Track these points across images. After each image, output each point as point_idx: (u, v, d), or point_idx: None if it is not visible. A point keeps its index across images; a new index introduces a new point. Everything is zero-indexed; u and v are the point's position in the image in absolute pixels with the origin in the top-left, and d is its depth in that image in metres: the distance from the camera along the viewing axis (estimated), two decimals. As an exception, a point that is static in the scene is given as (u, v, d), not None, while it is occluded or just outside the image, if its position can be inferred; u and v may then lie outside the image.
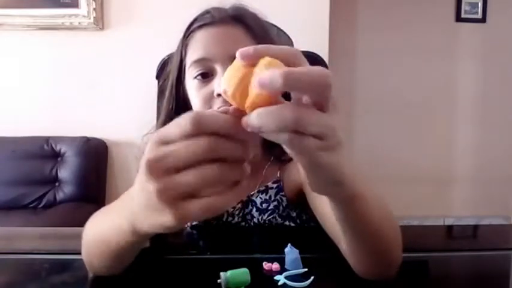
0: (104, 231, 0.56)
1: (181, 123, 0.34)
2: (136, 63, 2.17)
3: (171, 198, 0.35)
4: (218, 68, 0.70)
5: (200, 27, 0.74)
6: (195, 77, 0.73)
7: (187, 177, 0.34)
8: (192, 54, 0.74)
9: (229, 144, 0.34)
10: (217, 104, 0.70)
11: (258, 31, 0.74)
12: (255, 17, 0.77)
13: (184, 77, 0.77)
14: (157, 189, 0.35)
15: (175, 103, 0.79)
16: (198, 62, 0.72)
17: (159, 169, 0.35)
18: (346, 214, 0.47)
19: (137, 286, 0.62)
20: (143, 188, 0.36)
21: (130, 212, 0.44)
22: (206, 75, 0.72)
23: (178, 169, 0.34)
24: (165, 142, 0.35)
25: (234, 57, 0.35)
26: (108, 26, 2.24)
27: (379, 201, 0.51)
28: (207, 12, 0.75)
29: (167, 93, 0.80)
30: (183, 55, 0.76)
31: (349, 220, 0.49)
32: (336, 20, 2.39)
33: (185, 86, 0.77)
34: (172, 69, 0.79)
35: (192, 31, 0.75)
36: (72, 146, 2.14)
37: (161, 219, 0.37)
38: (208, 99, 0.71)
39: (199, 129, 0.33)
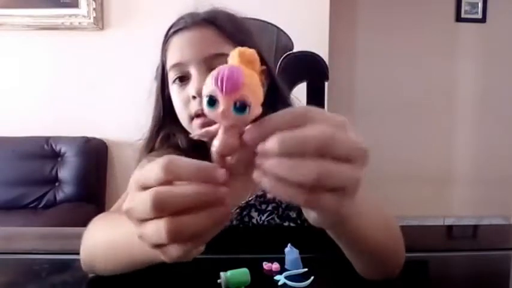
0: (116, 243, 0.54)
1: (154, 169, 0.33)
2: (136, 63, 2.16)
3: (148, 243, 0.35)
4: (192, 71, 0.72)
5: (175, 32, 0.76)
6: (174, 82, 0.75)
7: (151, 230, 0.33)
8: (170, 59, 0.76)
9: (198, 197, 0.32)
10: (193, 107, 0.72)
11: (231, 30, 0.75)
12: (228, 17, 0.79)
13: (168, 83, 0.79)
14: (137, 233, 0.35)
15: (163, 109, 0.80)
16: (174, 66, 0.74)
17: (133, 216, 0.35)
18: (340, 237, 0.47)
19: (137, 286, 0.62)
20: None
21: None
22: (183, 79, 0.74)
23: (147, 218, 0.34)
24: (144, 187, 0.34)
25: (207, 59, 0.34)
26: (108, 26, 2.24)
27: (375, 210, 0.50)
28: (181, 18, 0.78)
29: (154, 99, 0.82)
30: (164, 61, 0.79)
31: (343, 241, 0.49)
32: (336, 20, 2.40)
33: (170, 91, 0.79)
34: (157, 76, 0.82)
35: (169, 37, 0.78)
36: (72, 146, 2.14)
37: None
38: (186, 102, 0.73)
39: (171, 177, 0.32)
